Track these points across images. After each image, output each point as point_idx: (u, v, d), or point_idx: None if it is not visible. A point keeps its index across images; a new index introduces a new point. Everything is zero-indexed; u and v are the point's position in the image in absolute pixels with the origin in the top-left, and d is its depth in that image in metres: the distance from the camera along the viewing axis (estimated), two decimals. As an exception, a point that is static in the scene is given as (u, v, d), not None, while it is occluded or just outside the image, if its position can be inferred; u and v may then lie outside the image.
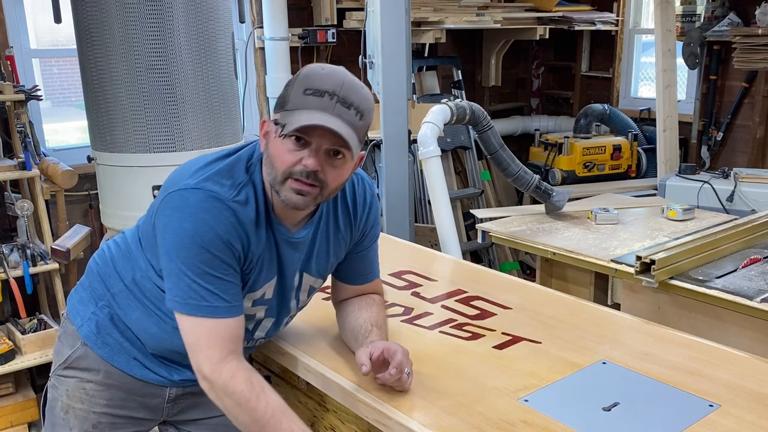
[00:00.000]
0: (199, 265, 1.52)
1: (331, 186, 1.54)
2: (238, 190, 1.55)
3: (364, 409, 1.63)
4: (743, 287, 2.48)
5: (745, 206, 3.98)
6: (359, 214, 1.77)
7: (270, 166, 1.53)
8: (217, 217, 1.51)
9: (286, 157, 1.49)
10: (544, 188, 3.49)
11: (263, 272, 1.64)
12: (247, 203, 1.55)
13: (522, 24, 5.58)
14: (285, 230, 1.64)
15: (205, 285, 1.53)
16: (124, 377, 1.80)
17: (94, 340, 1.78)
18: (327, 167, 1.51)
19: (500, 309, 2.11)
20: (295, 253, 1.68)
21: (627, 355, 1.80)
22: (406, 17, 3.71)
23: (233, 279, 1.57)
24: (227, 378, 1.54)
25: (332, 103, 1.46)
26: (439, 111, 3.41)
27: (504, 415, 1.53)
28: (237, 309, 1.59)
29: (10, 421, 3.58)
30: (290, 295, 1.75)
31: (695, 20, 5.22)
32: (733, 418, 1.50)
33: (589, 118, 5.59)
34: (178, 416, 1.92)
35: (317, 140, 1.48)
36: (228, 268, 1.55)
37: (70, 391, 1.82)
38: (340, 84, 1.48)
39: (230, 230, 1.52)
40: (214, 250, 1.52)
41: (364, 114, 1.51)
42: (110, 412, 1.82)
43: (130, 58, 2.99)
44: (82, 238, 3.77)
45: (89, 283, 1.84)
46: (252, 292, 1.65)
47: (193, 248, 1.51)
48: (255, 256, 1.60)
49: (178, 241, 1.52)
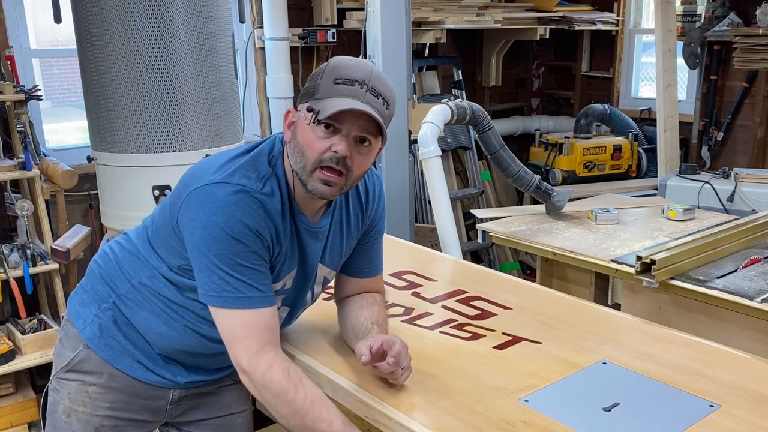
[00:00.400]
0: (232, 257, 1.53)
1: (355, 173, 1.57)
2: (264, 183, 1.57)
3: (364, 410, 1.63)
4: (744, 287, 2.48)
5: (746, 206, 3.97)
6: (370, 205, 1.80)
7: (300, 155, 1.55)
8: (245, 209, 1.53)
9: (317, 145, 1.52)
10: (545, 188, 3.49)
11: (287, 263, 1.66)
12: (273, 195, 1.58)
13: (522, 24, 5.58)
14: (307, 220, 1.66)
15: (238, 276, 1.55)
16: (128, 380, 1.79)
17: (97, 343, 1.78)
18: (355, 154, 1.54)
19: (500, 309, 2.11)
20: (316, 243, 1.71)
21: (627, 356, 1.79)
22: (406, 17, 3.71)
23: (264, 269, 1.58)
24: (265, 369, 1.55)
25: (362, 92, 1.50)
26: (439, 111, 3.41)
27: (504, 415, 1.53)
28: (270, 299, 1.60)
29: (10, 421, 3.58)
30: (308, 285, 1.77)
31: (696, 20, 5.21)
32: (733, 419, 1.50)
33: (590, 118, 5.59)
34: (180, 417, 1.92)
35: (348, 126, 1.51)
36: (259, 259, 1.56)
37: (72, 394, 1.81)
38: (369, 74, 1.52)
39: (260, 221, 1.54)
40: (246, 241, 1.53)
41: (390, 104, 1.56)
42: (113, 414, 1.81)
43: (130, 58, 2.98)
44: (82, 238, 3.77)
45: (91, 286, 1.83)
46: (275, 283, 1.66)
47: (225, 241, 1.53)
48: (282, 247, 1.62)
49: (208, 234, 1.53)
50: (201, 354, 1.78)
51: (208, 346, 1.75)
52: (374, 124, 1.53)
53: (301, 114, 1.56)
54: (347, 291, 1.90)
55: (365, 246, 1.86)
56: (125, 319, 1.76)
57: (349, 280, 1.89)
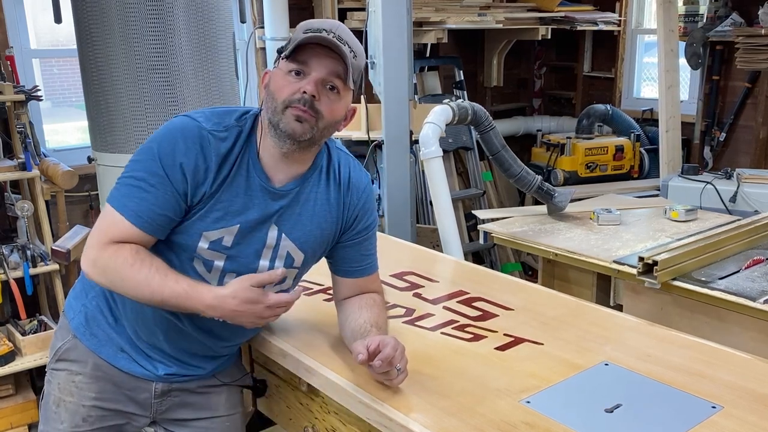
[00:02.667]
0: (140, 169, 1.61)
1: (326, 118, 1.62)
2: (221, 128, 1.65)
3: (365, 411, 1.62)
4: (746, 288, 2.47)
5: (748, 207, 3.96)
6: (353, 194, 1.80)
7: (271, 100, 1.62)
8: (185, 136, 1.61)
9: (286, 89, 1.59)
10: (546, 189, 3.48)
11: (219, 211, 1.65)
12: (224, 140, 1.64)
13: (524, 24, 5.58)
14: (266, 178, 1.68)
15: (132, 185, 1.60)
16: (112, 370, 1.83)
17: (83, 332, 1.83)
18: (323, 98, 1.60)
19: (502, 310, 2.11)
20: (272, 204, 1.69)
21: (629, 357, 1.79)
22: (407, 17, 3.70)
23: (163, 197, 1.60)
24: (112, 251, 1.59)
25: (329, 37, 1.57)
26: (440, 111, 3.40)
27: (506, 416, 1.52)
28: (143, 223, 1.60)
29: (10, 423, 3.58)
30: (259, 249, 1.72)
31: (698, 20, 5.21)
32: (735, 420, 1.50)
33: (592, 119, 5.58)
34: (167, 415, 1.92)
35: (316, 69, 1.58)
36: (163, 185, 1.59)
37: (61, 384, 1.85)
38: (336, 26, 1.61)
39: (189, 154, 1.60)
40: (163, 160, 1.59)
41: (357, 54, 1.62)
42: (99, 405, 1.84)
43: (130, 58, 2.98)
44: (83, 238, 3.76)
45: (83, 276, 1.86)
46: (207, 231, 1.66)
47: (147, 156, 1.61)
48: (212, 185, 1.63)
49: (145, 147, 1.63)
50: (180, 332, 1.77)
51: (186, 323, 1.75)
52: (342, 66, 1.58)
53: (273, 70, 1.65)
54: (344, 292, 1.89)
55: (355, 243, 1.84)
56: (110, 304, 1.80)
57: (343, 280, 1.88)
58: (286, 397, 2.00)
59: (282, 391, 2.01)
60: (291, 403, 1.98)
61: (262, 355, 2.03)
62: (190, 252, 1.67)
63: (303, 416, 1.93)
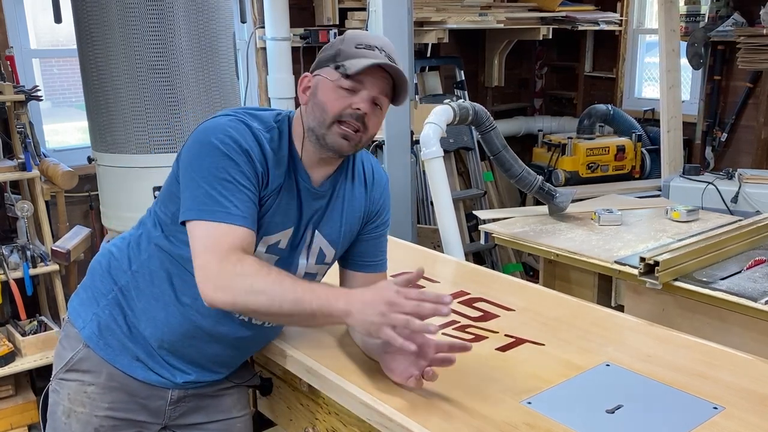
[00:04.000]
0: (217, 171, 1.55)
1: (370, 132, 1.65)
2: (266, 129, 1.65)
3: (366, 412, 1.61)
4: (748, 289, 2.46)
5: (750, 207, 3.95)
6: (375, 190, 1.83)
7: (320, 111, 1.62)
8: (241, 132, 1.59)
9: (338, 102, 1.60)
10: (548, 189, 3.48)
11: (280, 213, 1.66)
12: (271, 141, 1.64)
13: (525, 24, 5.57)
14: (308, 178, 1.69)
15: (221, 191, 1.54)
16: (127, 379, 1.78)
17: (96, 342, 1.77)
18: (371, 115, 1.63)
19: (503, 311, 2.10)
20: (314, 204, 1.72)
21: (630, 357, 1.78)
22: (408, 17, 3.69)
23: (249, 192, 1.57)
24: (235, 261, 1.51)
25: (383, 56, 1.60)
26: (441, 111, 3.40)
27: (507, 417, 1.51)
28: (250, 222, 1.57)
29: (10, 424, 3.57)
30: (300, 249, 1.75)
31: (699, 20, 5.20)
32: (737, 421, 1.49)
33: (593, 119, 5.58)
34: (179, 420, 1.90)
35: (370, 86, 1.60)
36: (245, 178, 1.57)
37: (72, 394, 1.80)
38: (385, 43, 1.64)
39: (252, 146, 1.59)
40: (235, 157, 1.56)
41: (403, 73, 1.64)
42: (112, 415, 1.80)
43: (130, 58, 2.97)
44: (83, 239, 3.76)
45: (91, 283, 1.83)
46: (267, 236, 1.66)
47: (215, 154, 1.56)
48: (273, 186, 1.63)
49: (197, 151, 1.58)
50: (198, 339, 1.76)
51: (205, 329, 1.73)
52: (390, 85, 1.63)
53: (320, 78, 1.63)
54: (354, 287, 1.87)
55: (372, 237, 1.86)
56: (126, 312, 1.76)
57: (356, 275, 1.88)
58: (286, 398, 2.00)
59: (282, 391, 2.00)
60: (291, 404, 1.98)
61: (262, 356, 2.02)
62: None
63: (303, 417, 1.93)
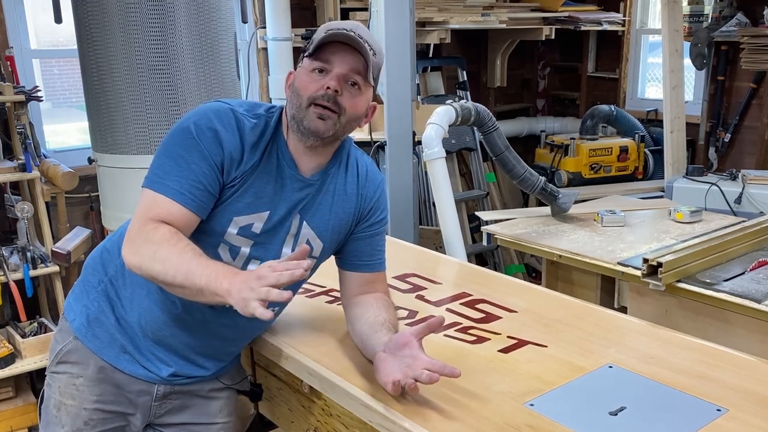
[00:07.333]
0: (172, 148, 1.63)
1: (348, 112, 1.66)
2: (253, 115, 1.69)
3: (367, 414, 1.61)
4: (751, 290, 2.45)
5: (753, 208, 3.94)
6: (369, 188, 1.85)
7: (296, 97, 1.66)
8: (219, 115, 1.65)
9: (311, 85, 1.64)
10: (550, 190, 3.47)
11: (250, 195, 1.67)
12: (255, 127, 1.68)
13: (527, 24, 5.56)
14: (295, 166, 1.72)
15: (172, 166, 1.61)
16: (114, 372, 1.81)
17: (85, 333, 1.81)
18: (345, 93, 1.64)
19: (506, 312, 2.09)
20: (300, 192, 1.73)
21: (634, 359, 1.77)
22: (410, 17, 3.68)
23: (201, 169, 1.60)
24: (151, 228, 1.57)
25: (350, 35, 1.62)
26: (443, 112, 3.39)
27: (509, 419, 1.50)
28: (187, 198, 1.60)
29: (10, 426, 3.57)
30: (283, 236, 1.74)
31: (703, 20, 5.20)
32: (740, 422, 1.48)
33: (596, 120, 5.57)
34: (164, 418, 1.91)
35: (338, 65, 1.63)
36: (200, 157, 1.61)
37: (62, 387, 1.84)
38: (356, 26, 1.65)
39: (227, 126, 1.64)
40: (201, 139, 1.61)
41: (376, 52, 1.66)
42: (101, 408, 1.83)
43: (131, 58, 2.96)
44: (83, 240, 3.75)
45: (83, 277, 1.88)
46: (237, 216, 1.67)
47: (180, 134, 1.63)
48: (245, 168, 1.65)
49: (172, 129, 1.66)
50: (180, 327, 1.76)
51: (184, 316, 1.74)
52: (362, 63, 1.64)
53: (298, 68, 1.69)
54: (352, 289, 1.87)
55: (366, 236, 1.86)
56: (114, 302, 1.79)
57: (352, 276, 1.87)
58: (287, 400, 1.99)
59: (284, 393, 2.00)
60: (293, 406, 1.97)
61: (263, 357, 2.02)
62: (218, 237, 1.68)
63: (305, 419, 1.92)
